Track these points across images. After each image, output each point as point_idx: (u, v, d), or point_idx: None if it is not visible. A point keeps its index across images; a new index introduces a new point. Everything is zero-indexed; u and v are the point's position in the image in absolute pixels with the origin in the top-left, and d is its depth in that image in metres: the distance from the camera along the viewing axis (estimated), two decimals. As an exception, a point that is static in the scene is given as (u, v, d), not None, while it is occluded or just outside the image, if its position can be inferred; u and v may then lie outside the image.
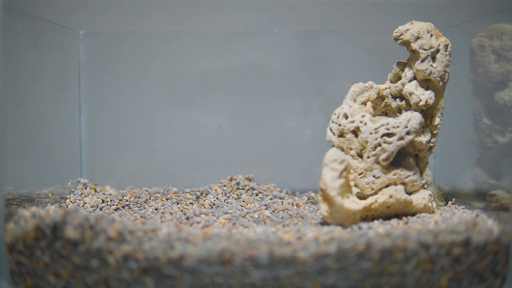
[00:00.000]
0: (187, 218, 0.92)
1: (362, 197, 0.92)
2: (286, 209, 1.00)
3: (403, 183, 0.92)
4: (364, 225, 0.84)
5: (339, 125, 0.93)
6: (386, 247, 0.70)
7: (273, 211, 0.99)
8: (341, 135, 0.93)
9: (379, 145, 0.89)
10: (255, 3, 1.01)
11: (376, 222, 0.87)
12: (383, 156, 0.89)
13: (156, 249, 0.70)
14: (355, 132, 0.92)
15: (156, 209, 1.01)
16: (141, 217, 0.94)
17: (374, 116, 0.94)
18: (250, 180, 1.18)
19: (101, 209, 1.02)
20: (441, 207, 1.00)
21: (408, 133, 0.89)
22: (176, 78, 1.23)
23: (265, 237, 0.77)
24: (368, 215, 0.89)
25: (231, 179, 1.18)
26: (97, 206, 1.03)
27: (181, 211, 0.99)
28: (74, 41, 1.18)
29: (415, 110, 0.92)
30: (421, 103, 0.92)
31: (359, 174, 0.91)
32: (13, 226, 0.75)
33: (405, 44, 0.94)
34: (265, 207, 1.01)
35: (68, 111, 1.18)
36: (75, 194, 1.11)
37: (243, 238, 0.76)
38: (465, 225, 0.77)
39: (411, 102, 0.93)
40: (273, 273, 0.68)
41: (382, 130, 0.89)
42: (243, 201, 1.07)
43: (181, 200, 1.08)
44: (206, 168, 1.24)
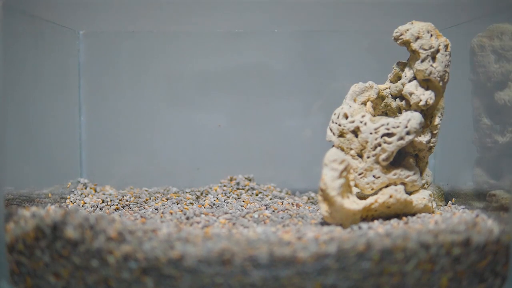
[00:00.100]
0: (187, 218, 0.92)
1: (362, 197, 0.92)
2: (286, 209, 1.00)
3: (403, 183, 0.92)
4: (364, 225, 0.84)
5: (339, 125, 0.93)
6: (386, 247, 0.70)
7: (273, 211, 0.99)
8: (341, 135, 0.93)
9: (379, 145, 0.89)
10: (255, 3, 1.01)
11: (376, 222, 0.87)
12: (383, 156, 0.89)
13: (156, 249, 0.70)
14: (355, 132, 0.92)
15: (156, 209, 1.01)
16: (141, 217, 0.94)
17: (374, 116, 0.94)
18: (250, 180, 1.18)
19: (101, 209, 1.02)
20: (441, 207, 1.00)
21: (408, 133, 0.89)
22: (176, 78, 1.23)
23: (265, 237, 0.77)
24: (368, 215, 0.89)
25: (231, 179, 1.18)
26: (97, 206, 1.03)
27: (181, 211, 0.99)
28: (74, 41, 1.18)
29: (415, 110, 0.92)
30: (421, 103, 0.92)
31: (359, 174, 0.91)
32: (13, 226, 0.75)
33: (405, 44, 0.94)
34: (265, 207, 1.01)
35: (68, 111, 1.18)
36: (75, 194, 1.11)
37: (243, 238, 0.76)
38: (465, 225, 0.77)
39: (411, 102, 0.93)
40: (273, 273, 0.68)
41: (382, 130, 0.89)
42: (243, 201, 1.07)
43: (181, 200, 1.08)
44: (206, 168, 1.24)
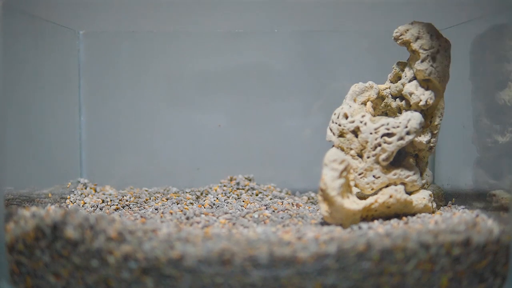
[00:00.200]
0: (187, 218, 0.92)
1: (362, 197, 0.92)
2: (286, 209, 1.00)
3: (403, 183, 0.92)
4: (364, 225, 0.84)
5: (339, 125, 0.93)
6: (386, 247, 0.70)
7: (273, 211, 0.99)
8: (341, 135, 0.93)
9: (379, 145, 0.89)
10: (255, 3, 1.01)
11: (376, 222, 0.87)
12: (383, 156, 0.89)
13: (156, 249, 0.70)
14: (355, 132, 0.92)
15: (156, 209, 1.01)
16: (141, 217, 0.94)
17: (374, 116, 0.94)
18: (250, 180, 1.18)
19: (101, 209, 1.02)
20: (441, 207, 1.00)
21: (408, 133, 0.89)
22: (176, 78, 1.23)
23: (265, 237, 0.77)
24: (368, 215, 0.89)
25: (231, 179, 1.18)
26: (97, 206, 1.03)
27: (181, 211, 0.99)
28: (74, 41, 1.18)
29: (415, 110, 0.92)
30: (421, 103, 0.92)
31: (359, 174, 0.91)
32: (13, 226, 0.75)
33: (405, 44, 0.94)
34: (265, 207, 1.01)
35: (68, 111, 1.18)
36: (75, 194, 1.11)
37: (243, 238, 0.76)
38: (465, 225, 0.77)
39: (411, 102, 0.93)
40: (273, 273, 0.68)
41: (382, 130, 0.89)
42: (243, 201, 1.07)
43: (181, 200, 1.08)
44: (206, 168, 1.24)
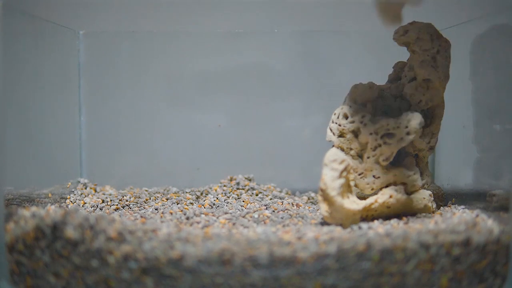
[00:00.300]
0: (187, 218, 0.92)
1: (362, 197, 0.92)
2: (286, 209, 1.00)
3: (403, 183, 0.92)
4: (364, 225, 0.84)
5: (339, 125, 0.93)
6: (386, 247, 0.70)
7: (273, 211, 0.99)
8: (341, 135, 0.93)
9: (379, 145, 0.89)
10: (255, 3, 1.01)
11: (376, 222, 0.87)
12: (383, 156, 0.89)
13: (156, 249, 0.70)
14: (355, 132, 0.92)
15: (156, 209, 1.01)
16: (141, 217, 0.94)
17: (374, 116, 0.94)
18: (250, 180, 1.18)
19: (101, 209, 1.02)
20: (441, 207, 1.00)
21: (408, 133, 0.89)
22: (176, 78, 1.23)
23: (265, 237, 0.77)
24: (368, 215, 0.89)
25: (231, 179, 1.18)
26: (97, 206, 1.03)
27: (181, 211, 0.99)
28: (74, 41, 1.18)
29: (415, 110, 0.92)
30: (421, 103, 0.92)
31: (359, 174, 0.91)
32: (13, 226, 0.75)
33: (405, 44, 0.94)
34: (265, 207, 1.01)
35: (68, 111, 1.18)
36: (75, 194, 1.11)
37: (243, 238, 0.76)
38: (465, 225, 0.77)
39: (411, 102, 0.93)
40: (273, 273, 0.68)
41: (382, 131, 0.89)
42: (243, 201, 1.07)
43: (181, 200, 1.08)
44: (206, 168, 1.24)
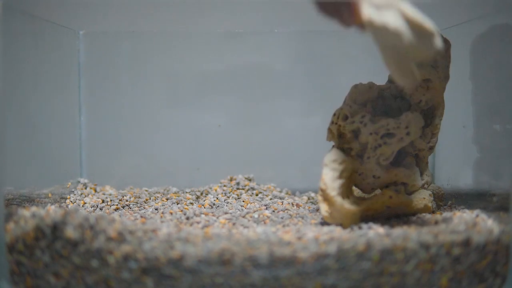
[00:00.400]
0: (187, 218, 0.92)
1: (362, 197, 0.92)
2: (286, 209, 1.00)
3: (403, 183, 0.92)
4: (364, 225, 0.84)
5: (339, 125, 0.93)
6: (386, 247, 0.70)
7: (273, 211, 0.99)
8: (341, 135, 0.93)
9: (379, 145, 0.89)
10: (255, 3, 1.01)
11: (376, 222, 0.87)
12: (383, 156, 0.89)
13: (156, 249, 0.70)
14: (355, 132, 0.92)
15: (156, 209, 1.01)
16: (141, 217, 0.94)
17: (374, 116, 0.94)
18: (250, 180, 1.18)
19: (101, 209, 1.02)
20: (441, 207, 1.00)
21: (408, 133, 0.88)
22: (176, 78, 1.23)
23: (265, 237, 0.77)
24: (368, 215, 0.89)
25: (231, 179, 1.18)
26: (97, 206, 1.03)
27: (181, 211, 0.99)
28: (74, 41, 1.18)
29: (415, 110, 0.92)
30: (421, 103, 0.92)
31: (359, 174, 0.91)
32: (13, 226, 0.75)
33: (405, 44, 0.93)
34: (265, 207, 1.01)
35: (68, 111, 1.18)
36: (75, 194, 1.11)
37: (243, 238, 0.76)
38: (465, 225, 0.77)
39: (411, 102, 0.93)
40: (273, 273, 0.68)
41: (382, 131, 0.89)
42: (243, 201, 1.07)
43: (181, 200, 1.08)
44: (206, 168, 1.24)
